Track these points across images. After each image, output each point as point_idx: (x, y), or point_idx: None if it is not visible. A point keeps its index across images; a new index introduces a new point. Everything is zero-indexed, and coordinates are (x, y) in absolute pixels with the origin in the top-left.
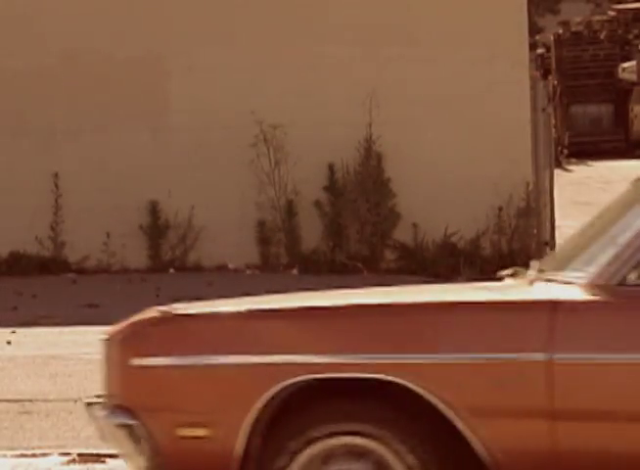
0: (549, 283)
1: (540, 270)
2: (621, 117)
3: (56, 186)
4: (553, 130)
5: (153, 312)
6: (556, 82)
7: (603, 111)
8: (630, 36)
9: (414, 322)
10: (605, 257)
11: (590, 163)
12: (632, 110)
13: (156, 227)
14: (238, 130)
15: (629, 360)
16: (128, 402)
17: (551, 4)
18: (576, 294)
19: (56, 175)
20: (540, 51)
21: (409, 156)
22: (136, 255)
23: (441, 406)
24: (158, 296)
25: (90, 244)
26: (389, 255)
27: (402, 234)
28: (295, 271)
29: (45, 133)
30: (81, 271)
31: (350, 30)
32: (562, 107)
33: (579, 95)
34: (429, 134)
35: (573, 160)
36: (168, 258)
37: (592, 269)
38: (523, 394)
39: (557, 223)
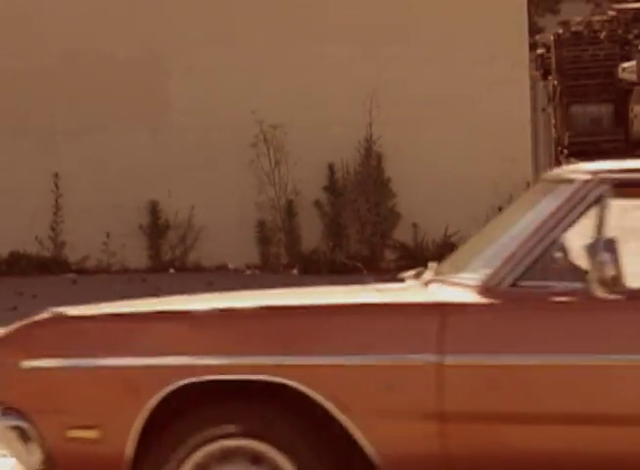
0: (444, 285)
1: (438, 272)
2: (621, 117)
3: (56, 186)
4: (553, 130)
5: (44, 314)
6: (556, 82)
7: (603, 111)
8: (630, 36)
9: (303, 324)
10: (497, 259)
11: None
12: (632, 110)
13: (156, 227)
14: (238, 130)
15: (518, 362)
16: (19, 404)
17: (551, 4)
18: (467, 296)
19: (56, 175)
20: (540, 51)
21: (409, 156)
22: (136, 255)
23: (332, 408)
24: (158, 296)
25: (90, 244)
26: (389, 255)
27: (402, 234)
28: (295, 271)
29: (45, 133)
30: (81, 271)
31: (350, 30)
32: (562, 107)
33: (579, 95)
34: (429, 134)
35: (573, 160)
36: (168, 258)
37: (484, 271)
38: (412, 396)
39: None
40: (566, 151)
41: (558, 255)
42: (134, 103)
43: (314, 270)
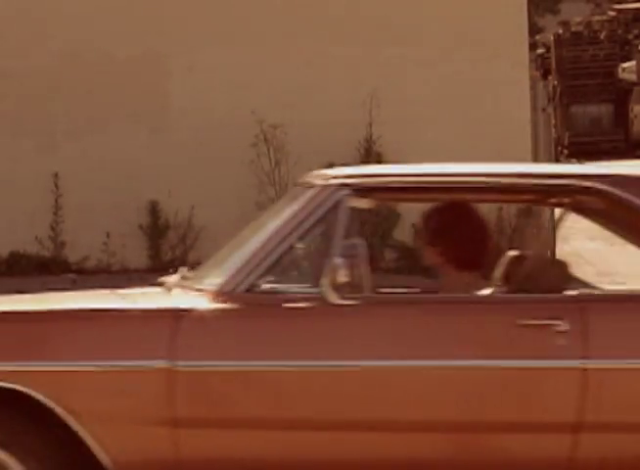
0: (186, 290)
1: (185, 278)
2: (621, 117)
3: (56, 186)
4: (553, 130)
5: None
6: (556, 82)
7: (603, 111)
8: (630, 36)
9: (35, 330)
10: (234, 264)
11: (590, 163)
12: (632, 110)
13: (156, 227)
14: (238, 130)
15: (249, 368)
16: None
17: (551, 4)
18: (203, 302)
19: (56, 175)
20: (540, 51)
21: (409, 156)
22: (136, 255)
23: (64, 415)
24: None
25: (90, 244)
26: (389, 255)
27: (402, 234)
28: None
29: (45, 133)
30: (81, 271)
31: (350, 30)
32: (562, 107)
33: (579, 95)
34: (429, 134)
35: (573, 160)
36: (168, 258)
37: (222, 277)
38: (145, 402)
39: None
40: (566, 151)
41: (295, 259)
42: (134, 103)
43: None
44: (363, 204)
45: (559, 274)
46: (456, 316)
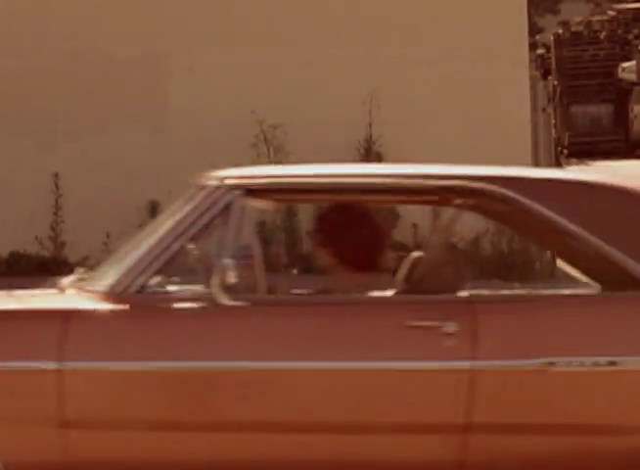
0: (79, 292)
1: (81, 279)
2: (621, 117)
3: (56, 186)
4: (553, 130)
5: None
6: (556, 82)
7: (603, 111)
8: (630, 36)
9: None
10: (125, 265)
11: (590, 163)
12: (632, 110)
13: None
14: (238, 130)
15: (141, 368)
16: None
17: (551, 4)
18: (93, 303)
19: (56, 175)
20: (540, 51)
21: (409, 156)
22: None
23: None
24: None
25: (90, 244)
26: (389, 255)
27: (402, 234)
28: (295, 271)
29: (45, 133)
30: None
31: (350, 30)
32: (562, 107)
33: (579, 95)
34: (429, 134)
35: (574, 160)
36: None
37: (112, 278)
38: (34, 403)
39: None
40: (566, 151)
41: (187, 260)
42: (134, 103)
43: (314, 270)
44: (257, 205)
45: (455, 275)
46: (345, 318)
